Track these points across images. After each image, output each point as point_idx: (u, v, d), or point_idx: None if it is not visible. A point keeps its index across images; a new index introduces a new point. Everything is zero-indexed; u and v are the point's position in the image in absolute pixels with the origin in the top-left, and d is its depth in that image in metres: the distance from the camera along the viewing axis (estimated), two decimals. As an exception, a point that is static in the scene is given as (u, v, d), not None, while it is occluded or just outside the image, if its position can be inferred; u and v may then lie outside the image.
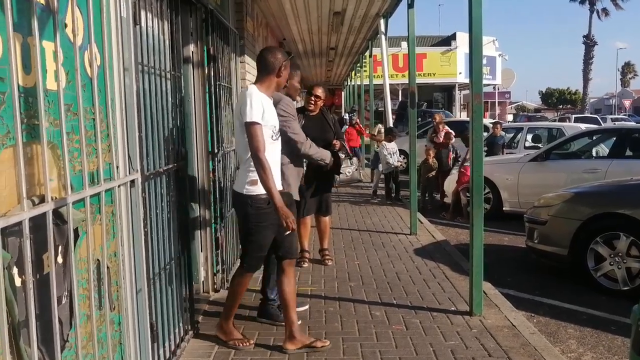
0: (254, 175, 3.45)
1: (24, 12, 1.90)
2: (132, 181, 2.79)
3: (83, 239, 2.31)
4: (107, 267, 2.56)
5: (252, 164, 3.43)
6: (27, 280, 1.82)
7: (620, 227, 5.21)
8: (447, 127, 10.65)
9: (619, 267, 5.15)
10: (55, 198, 2.07)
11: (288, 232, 3.56)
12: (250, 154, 3.44)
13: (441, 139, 10.34)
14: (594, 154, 9.09)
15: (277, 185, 3.53)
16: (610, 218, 5.32)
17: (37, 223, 1.92)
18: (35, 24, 1.89)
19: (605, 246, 5.25)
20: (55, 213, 2.05)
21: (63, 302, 2.18)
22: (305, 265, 5.73)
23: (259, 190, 3.48)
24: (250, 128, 3.38)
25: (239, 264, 3.87)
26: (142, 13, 2.99)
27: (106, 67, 2.55)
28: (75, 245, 2.22)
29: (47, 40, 2.05)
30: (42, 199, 1.97)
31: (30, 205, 1.90)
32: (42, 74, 1.99)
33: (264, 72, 3.62)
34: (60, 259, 2.15)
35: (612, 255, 5.21)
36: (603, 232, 5.28)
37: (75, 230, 2.23)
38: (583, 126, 12.21)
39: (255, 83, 3.63)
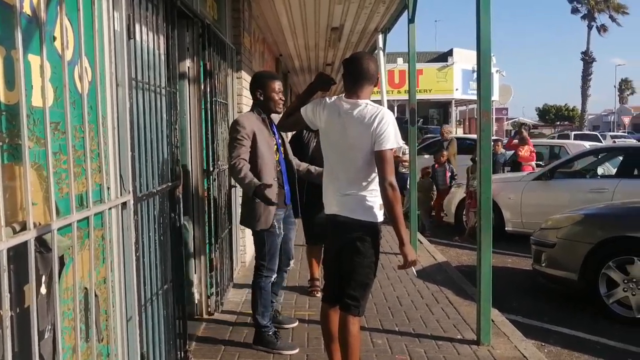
0: (379, 201, 3.09)
1: (7, 23, 1.74)
2: (124, 203, 2.62)
3: (69, 266, 2.14)
4: (96, 295, 2.39)
5: (375, 188, 3.09)
6: (5, 316, 1.65)
7: (635, 251, 4.97)
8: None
9: (634, 293, 4.92)
10: (39, 224, 1.90)
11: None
12: (372, 177, 3.09)
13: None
14: (599, 172, 8.87)
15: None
16: (624, 241, 5.07)
17: (18, 252, 1.75)
18: (19, 36, 1.73)
19: (618, 271, 5.02)
20: (38, 240, 1.88)
21: (46, 336, 2.00)
22: (318, 295, 5.09)
23: (382, 216, 3.14)
24: (390, 153, 3.03)
25: (343, 312, 3.20)
26: (137, 26, 2.84)
27: (97, 83, 2.40)
28: (60, 274, 2.05)
29: (33, 54, 1.89)
30: (24, 226, 1.80)
31: (10, 233, 1.73)
32: (27, 90, 1.83)
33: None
34: (44, 290, 1.98)
35: (626, 281, 4.98)
36: (616, 256, 5.04)
37: (61, 258, 2.06)
38: (587, 144, 12.05)
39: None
